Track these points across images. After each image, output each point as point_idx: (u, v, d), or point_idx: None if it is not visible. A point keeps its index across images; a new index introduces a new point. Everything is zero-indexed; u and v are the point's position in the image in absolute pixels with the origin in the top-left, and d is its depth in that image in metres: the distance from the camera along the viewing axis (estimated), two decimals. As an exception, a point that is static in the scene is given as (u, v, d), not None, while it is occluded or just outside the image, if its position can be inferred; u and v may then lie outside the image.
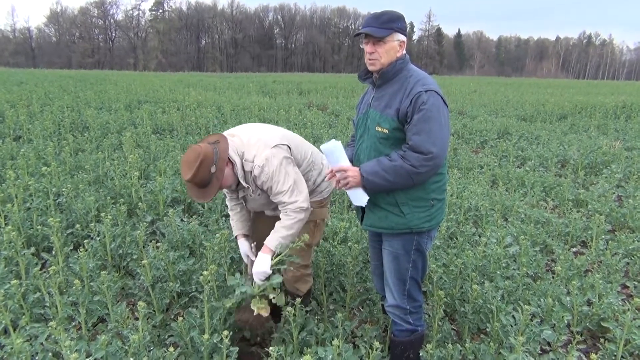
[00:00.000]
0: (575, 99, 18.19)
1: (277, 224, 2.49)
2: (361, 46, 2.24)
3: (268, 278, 2.43)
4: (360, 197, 2.24)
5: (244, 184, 2.46)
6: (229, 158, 2.37)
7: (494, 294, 2.96)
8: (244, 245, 2.75)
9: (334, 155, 2.23)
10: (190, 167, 2.29)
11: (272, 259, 2.43)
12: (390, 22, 2.13)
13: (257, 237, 2.77)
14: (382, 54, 2.16)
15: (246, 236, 2.79)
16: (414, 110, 2.07)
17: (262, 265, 2.42)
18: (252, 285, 2.47)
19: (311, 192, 2.66)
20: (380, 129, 2.19)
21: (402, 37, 2.19)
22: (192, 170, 2.27)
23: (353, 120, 2.53)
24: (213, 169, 2.31)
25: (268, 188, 2.45)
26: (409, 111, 2.09)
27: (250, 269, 2.65)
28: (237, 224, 2.79)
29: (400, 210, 2.22)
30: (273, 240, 2.45)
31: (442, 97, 2.13)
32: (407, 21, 2.43)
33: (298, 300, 2.45)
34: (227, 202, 2.82)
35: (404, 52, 2.22)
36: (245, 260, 2.77)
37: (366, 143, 2.29)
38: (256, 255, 2.51)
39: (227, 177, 2.40)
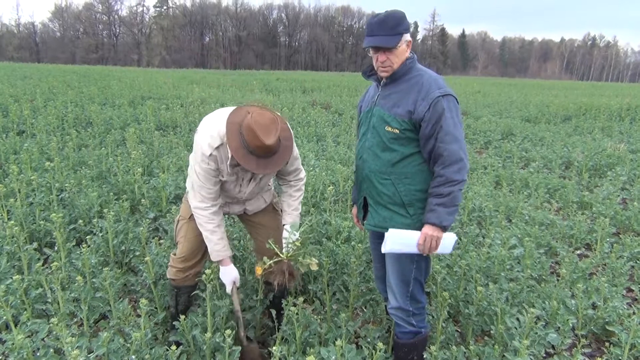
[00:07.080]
0: (579, 100, 18.10)
1: (293, 202, 2.60)
2: (369, 54, 2.20)
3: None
4: (448, 243, 2.18)
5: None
6: None
7: (499, 296, 2.94)
8: (234, 271, 2.50)
9: (402, 243, 2.15)
10: (270, 131, 2.11)
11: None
12: (397, 27, 2.08)
13: (257, 245, 2.76)
14: (394, 60, 2.13)
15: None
16: (434, 116, 2.05)
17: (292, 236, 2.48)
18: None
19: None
20: (390, 128, 2.15)
21: (409, 37, 2.16)
22: (276, 134, 2.13)
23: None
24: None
25: (291, 157, 2.44)
26: (427, 116, 2.06)
27: (236, 298, 2.52)
28: (227, 243, 2.49)
29: (407, 211, 2.20)
30: (296, 218, 2.61)
31: (456, 98, 2.13)
32: (411, 21, 2.40)
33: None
34: (213, 216, 2.41)
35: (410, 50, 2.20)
36: (229, 288, 2.51)
37: (370, 141, 2.24)
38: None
39: None
